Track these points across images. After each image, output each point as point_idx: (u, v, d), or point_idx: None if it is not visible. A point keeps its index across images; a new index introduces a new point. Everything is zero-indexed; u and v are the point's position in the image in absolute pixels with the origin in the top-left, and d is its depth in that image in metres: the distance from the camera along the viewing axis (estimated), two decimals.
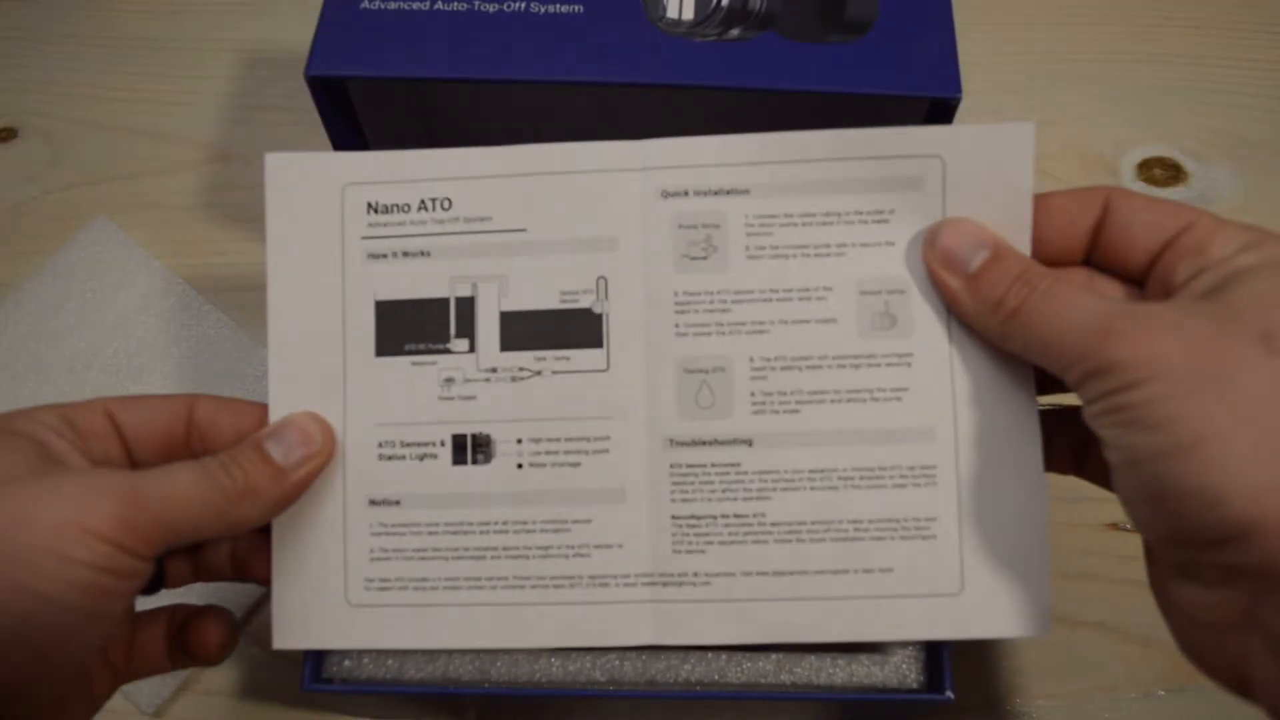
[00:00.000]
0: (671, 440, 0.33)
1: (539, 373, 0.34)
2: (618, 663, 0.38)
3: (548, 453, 0.33)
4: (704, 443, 0.33)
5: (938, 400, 0.33)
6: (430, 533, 0.34)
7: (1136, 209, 0.33)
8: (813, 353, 0.33)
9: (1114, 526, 0.48)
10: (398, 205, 0.35)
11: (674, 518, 0.33)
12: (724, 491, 0.33)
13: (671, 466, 0.33)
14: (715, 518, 0.33)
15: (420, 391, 0.34)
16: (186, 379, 0.52)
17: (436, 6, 0.40)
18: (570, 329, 0.34)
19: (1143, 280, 0.33)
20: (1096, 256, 0.34)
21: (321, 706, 0.45)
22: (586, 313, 0.34)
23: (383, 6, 0.40)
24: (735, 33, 0.39)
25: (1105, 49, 0.62)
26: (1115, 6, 0.64)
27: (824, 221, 0.34)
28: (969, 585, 0.32)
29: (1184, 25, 0.63)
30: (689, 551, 0.33)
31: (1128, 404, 0.28)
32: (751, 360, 0.33)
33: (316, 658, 0.38)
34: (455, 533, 0.33)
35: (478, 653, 0.38)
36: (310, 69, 0.39)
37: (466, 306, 0.34)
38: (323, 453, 0.33)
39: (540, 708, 0.42)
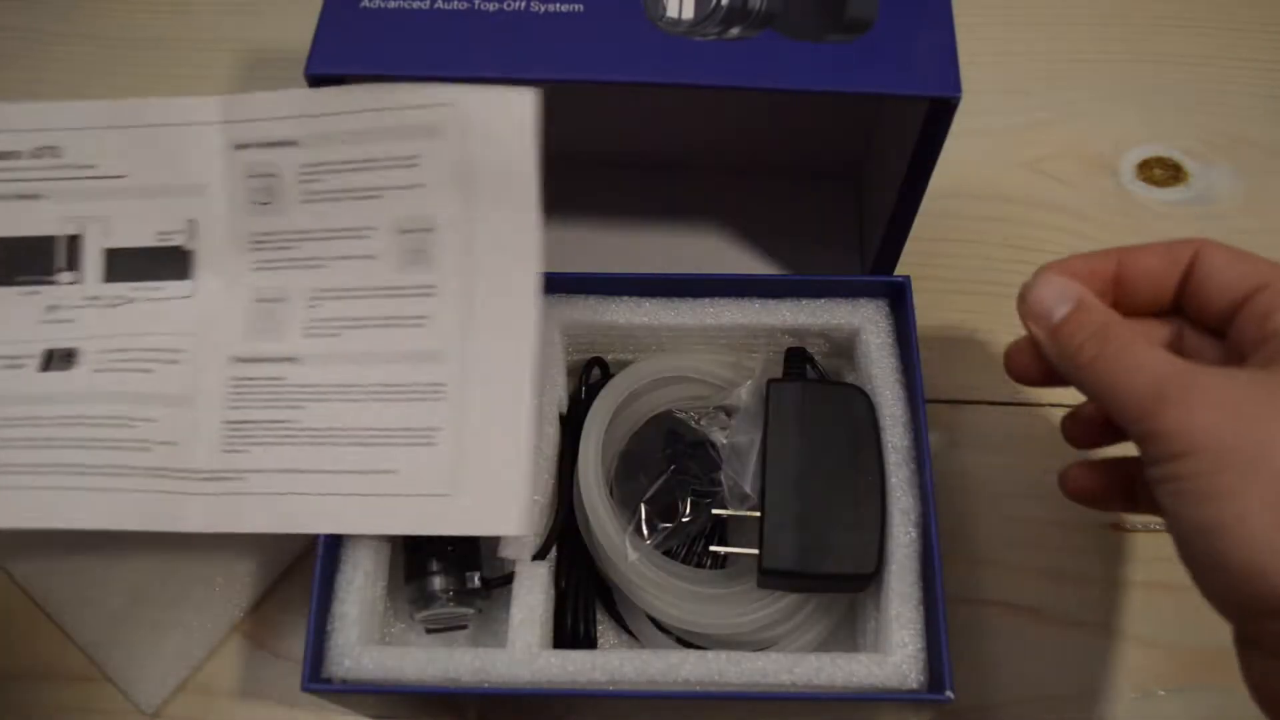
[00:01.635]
0: (235, 357, 0.39)
1: (133, 300, 0.39)
2: (618, 663, 0.38)
3: (124, 362, 0.38)
4: (260, 360, 0.39)
5: (451, 327, 0.37)
6: (9, 425, 0.38)
7: (1217, 267, 0.34)
8: (357, 285, 0.38)
9: (1115, 527, 0.48)
10: (10, 153, 0.39)
11: (226, 422, 0.38)
12: (269, 401, 0.38)
13: (231, 379, 0.39)
14: (259, 422, 0.38)
15: (24, 317, 0.39)
16: None
17: (436, 6, 0.40)
18: (163, 263, 0.39)
19: (1224, 334, 0.34)
20: (1186, 307, 0.36)
21: (321, 706, 0.44)
22: (178, 250, 0.39)
23: (383, 6, 0.40)
24: (735, 32, 0.39)
25: (1105, 49, 0.62)
26: (1115, 6, 0.64)
27: (362, 167, 0.38)
28: (458, 488, 0.37)
29: (1184, 25, 0.63)
30: (235, 451, 0.38)
31: (1176, 474, 0.30)
32: (309, 291, 0.39)
33: (316, 657, 0.38)
34: (33, 425, 0.38)
35: (477, 651, 0.38)
36: (310, 68, 0.39)
37: (74, 243, 0.39)
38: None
39: (540, 708, 0.42)
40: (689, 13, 0.39)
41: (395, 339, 0.38)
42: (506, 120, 0.37)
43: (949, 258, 0.55)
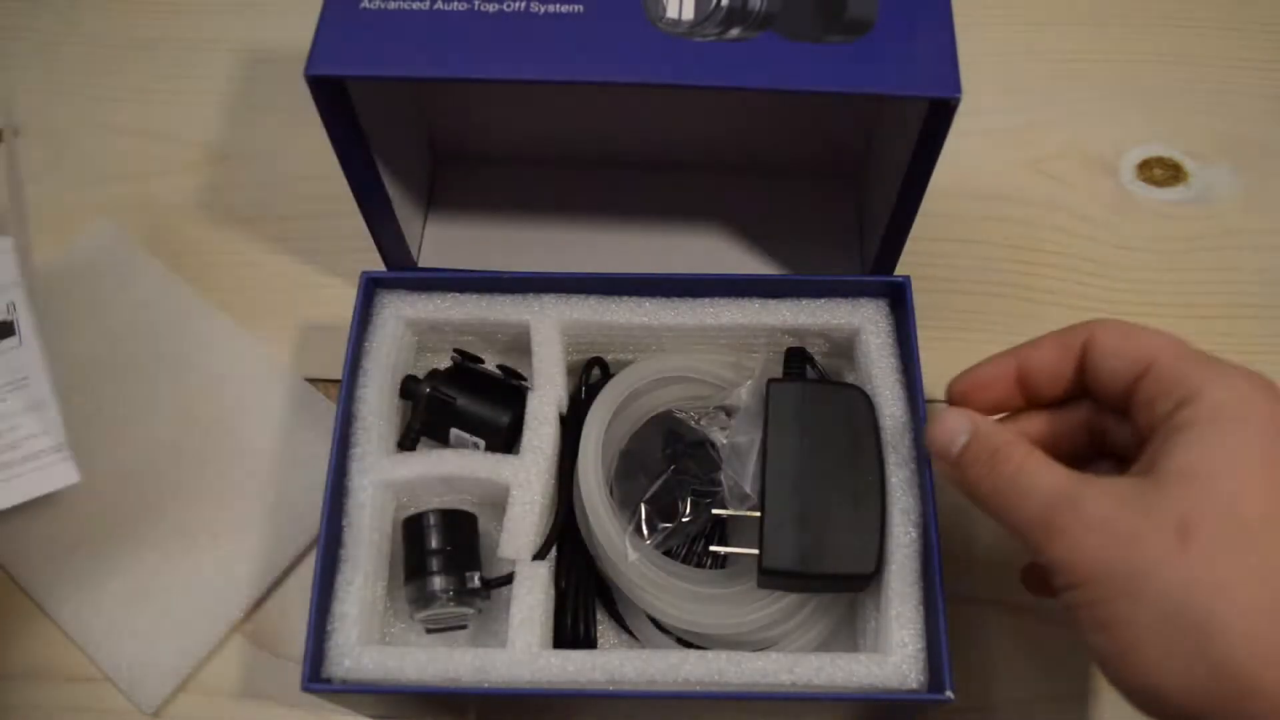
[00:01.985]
0: None
1: None
2: (618, 663, 0.38)
3: None
4: None
5: None
6: None
7: (1107, 351, 0.35)
8: None
9: None
10: None
11: None
12: None
13: None
14: None
15: None
16: (185, 379, 0.52)
17: (436, 6, 0.40)
18: None
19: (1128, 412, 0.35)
20: (1090, 391, 0.36)
21: (321, 706, 0.44)
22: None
23: (383, 6, 0.40)
24: (735, 33, 0.39)
25: (1105, 49, 0.62)
26: (1115, 6, 0.64)
27: None
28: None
29: (1184, 25, 0.63)
30: None
31: (1073, 603, 0.31)
32: None
33: (316, 657, 0.38)
34: None
35: (477, 651, 0.38)
36: (310, 69, 0.39)
37: None
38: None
39: (540, 708, 0.42)
40: (689, 13, 0.39)
41: None
42: None
43: (949, 258, 0.55)
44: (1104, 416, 0.37)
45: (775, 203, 0.56)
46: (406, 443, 0.45)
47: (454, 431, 0.45)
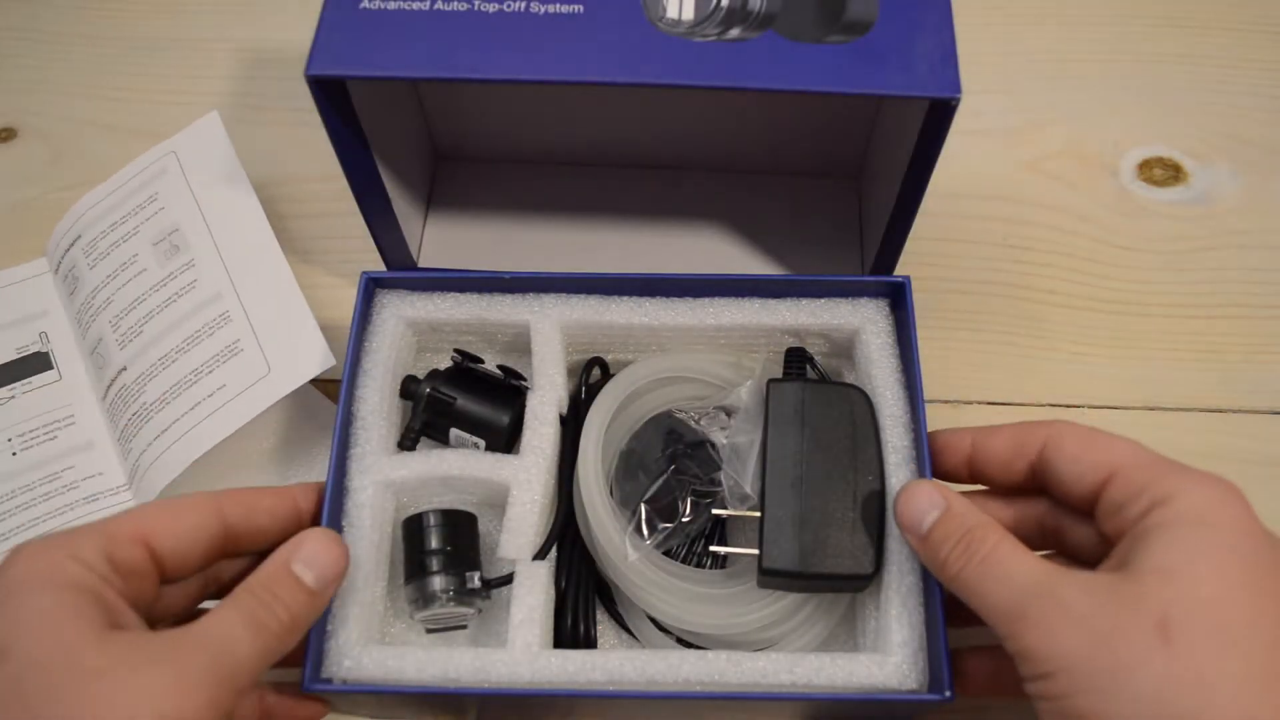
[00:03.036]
0: (97, 399, 0.50)
1: (13, 396, 0.50)
2: (618, 663, 0.38)
3: (34, 438, 0.49)
4: (107, 385, 0.49)
5: (214, 274, 0.48)
6: None
7: (1068, 457, 0.35)
8: (138, 294, 0.49)
9: None
10: None
11: (116, 440, 0.49)
12: (125, 405, 0.48)
13: (104, 412, 0.49)
14: (128, 422, 0.47)
15: None
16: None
17: (436, 6, 0.40)
18: (28, 365, 0.51)
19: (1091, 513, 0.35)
20: (1047, 489, 0.36)
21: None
22: (37, 354, 0.51)
23: (383, 6, 0.40)
24: (735, 33, 0.39)
25: (1105, 49, 0.62)
26: (1115, 6, 0.64)
27: (119, 222, 0.51)
28: (272, 364, 0.46)
29: (1184, 25, 0.63)
30: (129, 454, 0.47)
31: (1042, 693, 0.30)
32: (112, 319, 0.49)
33: (316, 657, 0.38)
34: None
35: (477, 651, 0.38)
36: (310, 69, 0.39)
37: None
38: (343, 570, 0.36)
39: (540, 708, 0.42)
40: (689, 13, 0.39)
41: (180, 308, 0.48)
42: (213, 150, 0.50)
43: (949, 258, 0.55)
44: (1060, 515, 0.37)
45: (775, 203, 0.56)
46: (406, 443, 0.45)
47: (454, 431, 0.45)
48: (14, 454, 0.48)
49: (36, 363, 0.51)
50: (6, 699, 0.28)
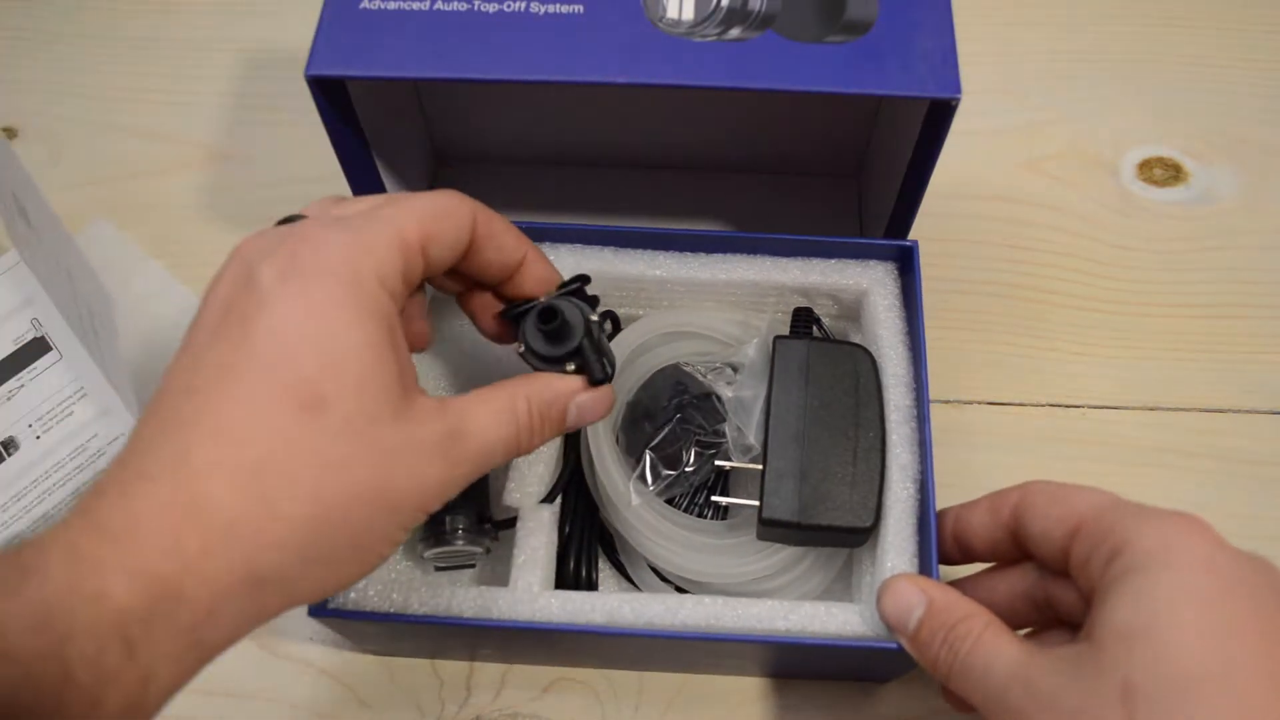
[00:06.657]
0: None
1: (23, 385, 0.50)
2: (616, 604, 0.38)
3: (52, 420, 0.49)
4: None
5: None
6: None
7: (1037, 515, 0.34)
8: None
9: None
10: None
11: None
12: None
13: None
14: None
15: None
16: None
17: (436, 6, 0.40)
18: (31, 353, 0.51)
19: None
20: (1031, 554, 0.36)
21: (319, 711, 0.44)
22: (36, 339, 0.51)
23: (383, 6, 0.40)
24: (735, 33, 0.39)
25: (1105, 49, 0.62)
26: (1116, 6, 0.64)
27: None
28: None
29: (1184, 25, 0.63)
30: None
31: None
32: None
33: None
34: (17, 499, 0.48)
35: (480, 590, 0.39)
36: (310, 69, 0.39)
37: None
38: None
39: (540, 644, 0.42)
40: (689, 13, 0.39)
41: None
42: None
43: (949, 258, 0.55)
44: (1047, 582, 0.36)
45: (775, 203, 0.56)
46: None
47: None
48: (38, 437, 0.49)
49: (36, 348, 0.52)
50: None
